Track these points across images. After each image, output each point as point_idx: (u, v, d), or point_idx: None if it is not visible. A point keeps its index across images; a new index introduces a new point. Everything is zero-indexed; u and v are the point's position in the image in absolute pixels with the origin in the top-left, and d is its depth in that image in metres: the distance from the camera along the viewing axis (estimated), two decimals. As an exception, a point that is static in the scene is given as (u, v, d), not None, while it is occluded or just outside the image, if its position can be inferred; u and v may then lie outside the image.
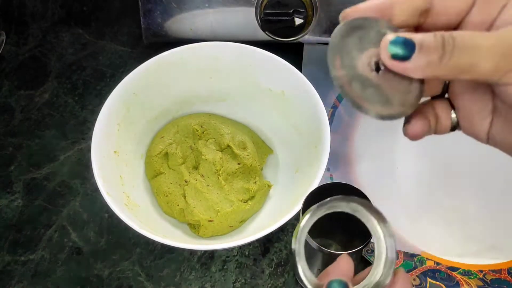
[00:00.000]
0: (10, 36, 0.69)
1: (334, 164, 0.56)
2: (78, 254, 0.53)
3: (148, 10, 0.60)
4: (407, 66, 0.26)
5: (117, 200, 0.46)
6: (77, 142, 0.60)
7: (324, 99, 0.52)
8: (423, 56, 0.25)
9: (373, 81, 0.27)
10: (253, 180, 0.53)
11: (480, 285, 0.49)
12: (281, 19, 0.57)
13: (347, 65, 0.27)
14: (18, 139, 0.60)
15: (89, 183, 0.57)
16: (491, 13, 0.27)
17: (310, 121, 0.51)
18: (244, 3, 0.58)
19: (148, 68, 0.53)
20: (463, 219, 0.54)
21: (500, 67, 0.25)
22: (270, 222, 0.46)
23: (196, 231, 0.51)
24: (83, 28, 0.70)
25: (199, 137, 0.55)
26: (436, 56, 0.25)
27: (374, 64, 0.27)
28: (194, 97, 0.57)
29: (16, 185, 0.57)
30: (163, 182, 0.53)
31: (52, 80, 0.65)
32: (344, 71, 0.27)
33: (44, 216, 0.55)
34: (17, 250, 0.53)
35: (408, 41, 0.25)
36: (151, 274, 0.52)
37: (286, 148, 0.56)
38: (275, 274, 0.52)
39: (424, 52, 0.25)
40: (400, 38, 0.26)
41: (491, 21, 0.27)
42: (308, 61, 0.63)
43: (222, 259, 0.52)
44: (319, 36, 0.60)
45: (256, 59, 0.54)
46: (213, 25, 0.61)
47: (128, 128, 0.53)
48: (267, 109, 0.56)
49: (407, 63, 0.26)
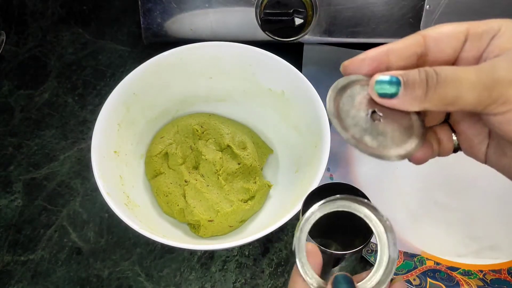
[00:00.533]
0: (10, 36, 0.69)
1: (334, 164, 0.56)
2: (78, 254, 0.53)
3: (148, 10, 0.60)
4: (396, 102, 0.27)
5: (117, 200, 0.46)
6: (77, 142, 0.60)
7: (324, 99, 0.52)
8: (409, 92, 0.27)
9: (379, 128, 0.28)
10: (253, 180, 0.53)
11: (480, 285, 0.49)
12: (281, 19, 0.57)
13: (351, 124, 0.28)
14: (18, 139, 0.60)
15: (89, 183, 0.57)
16: (481, 46, 0.28)
17: (310, 121, 0.51)
18: (244, 3, 0.58)
19: (148, 68, 0.53)
20: (463, 219, 0.54)
21: (482, 99, 0.26)
22: (270, 222, 0.46)
23: (196, 231, 0.51)
24: (83, 27, 0.70)
25: (199, 137, 0.55)
26: (421, 91, 0.26)
27: (371, 113, 0.28)
28: (194, 97, 0.57)
29: (16, 185, 0.57)
30: (163, 182, 0.53)
31: (52, 80, 0.65)
32: (351, 131, 0.28)
33: (44, 216, 0.55)
34: (17, 250, 0.53)
35: (393, 79, 0.27)
36: (151, 274, 0.52)
37: (286, 148, 0.56)
38: (275, 274, 0.52)
39: (409, 88, 0.27)
40: (385, 77, 0.27)
41: (481, 54, 0.28)
42: (308, 61, 0.63)
43: (222, 259, 0.52)
44: (319, 36, 0.60)
45: (256, 59, 0.54)
46: (213, 25, 0.60)
47: (128, 128, 0.53)
48: (267, 109, 0.56)
49: (395, 100, 0.27)
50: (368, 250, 0.49)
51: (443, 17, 0.58)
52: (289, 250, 0.53)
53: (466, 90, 0.26)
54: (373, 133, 0.28)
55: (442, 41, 0.29)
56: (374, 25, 0.59)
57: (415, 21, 0.59)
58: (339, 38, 0.61)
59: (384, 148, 0.28)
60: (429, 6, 0.57)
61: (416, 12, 0.58)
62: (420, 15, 0.58)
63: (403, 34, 0.62)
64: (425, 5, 0.57)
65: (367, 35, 0.60)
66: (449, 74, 0.26)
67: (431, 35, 0.29)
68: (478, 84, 0.26)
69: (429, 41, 0.29)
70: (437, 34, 0.29)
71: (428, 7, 0.58)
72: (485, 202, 0.54)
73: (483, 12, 0.58)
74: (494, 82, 0.26)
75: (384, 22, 0.59)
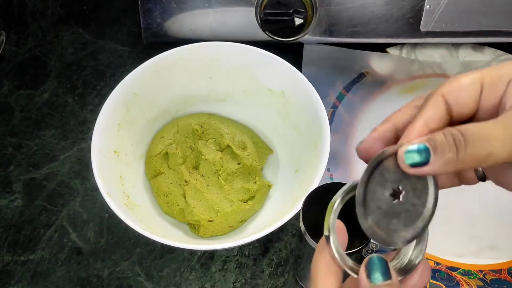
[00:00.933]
0: (10, 36, 0.69)
1: (334, 164, 0.56)
2: (78, 254, 0.53)
3: (147, 10, 0.60)
4: (428, 169, 0.27)
5: (117, 200, 0.46)
6: (77, 142, 0.60)
7: (324, 99, 0.52)
8: (440, 158, 0.27)
9: (396, 209, 0.28)
10: (253, 180, 0.53)
11: (480, 285, 0.49)
12: (281, 19, 0.57)
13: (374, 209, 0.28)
14: (17, 139, 0.60)
15: (89, 183, 0.57)
16: (498, 93, 0.28)
17: (310, 121, 0.51)
18: (244, 3, 0.58)
19: (148, 68, 0.53)
20: (463, 219, 0.54)
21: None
22: (270, 222, 0.46)
23: (196, 231, 0.51)
24: (83, 27, 0.70)
25: (199, 137, 0.55)
26: (452, 154, 0.26)
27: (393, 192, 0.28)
28: (194, 97, 0.57)
29: (16, 185, 0.57)
30: (163, 182, 0.53)
31: (52, 80, 0.65)
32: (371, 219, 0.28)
33: (44, 216, 0.55)
34: (17, 250, 0.53)
35: (421, 147, 0.27)
36: (151, 274, 0.52)
37: (286, 148, 0.56)
38: (275, 274, 0.52)
39: (439, 153, 0.27)
40: (413, 146, 0.27)
41: (499, 100, 0.28)
42: (308, 61, 0.63)
43: (222, 259, 0.52)
44: (319, 36, 0.60)
45: (256, 59, 0.54)
46: (213, 25, 0.60)
47: (128, 128, 0.53)
48: (267, 109, 0.56)
49: (427, 167, 0.27)
50: (368, 250, 0.49)
51: (443, 17, 0.58)
52: (289, 250, 0.53)
53: (496, 147, 0.26)
54: (390, 216, 0.28)
55: (460, 95, 0.28)
56: (374, 25, 0.59)
57: (415, 21, 0.59)
58: (339, 38, 0.61)
59: (393, 233, 0.28)
60: (429, 6, 0.57)
61: (416, 12, 0.58)
62: (420, 15, 0.58)
63: (403, 34, 0.63)
64: (425, 5, 0.57)
65: (367, 35, 0.60)
66: (475, 133, 0.26)
67: (449, 93, 0.29)
68: (506, 139, 0.26)
69: (448, 99, 0.29)
70: (454, 89, 0.29)
71: (428, 7, 0.58)
72: (485, 202, 0.54)
73: (483, 12, 0.58)
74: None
75: (384, 22, 0.59)
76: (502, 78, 0.28)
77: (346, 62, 0.63)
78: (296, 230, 0.53)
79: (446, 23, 0.59)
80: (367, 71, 0.63)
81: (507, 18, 0.58)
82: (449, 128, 0.27)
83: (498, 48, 0.64)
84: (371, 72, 0.63)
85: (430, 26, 0.59)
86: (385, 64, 0.64)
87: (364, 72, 0.63)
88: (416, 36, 0.60)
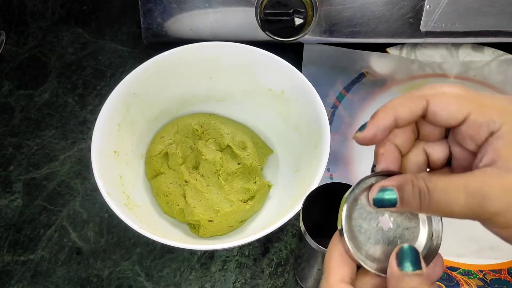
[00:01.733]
0: (10, 36, 0.69)
1: (334, 164, 0.56)
2: (78, 254, 0.53)
3: (148, 10, 0.60)
4: (394, 211, 0.30)
5: (117, 200, 0.46)
6: (77, 142, 0.60)
7: (324, 99, 0.52)
8: (405, 206, 0.29)
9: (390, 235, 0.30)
10: (253, 180, 0.53)
11: (480, 285, 0.49)
12: (281, 19, 0.57)
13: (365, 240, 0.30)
14: (18, 139, 0.60)
15: (89, 183, 0.57)
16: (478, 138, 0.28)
17: (310, 121, 0.51)
18: (244, 3, 0.58)
19: (148, 68, 0.53)
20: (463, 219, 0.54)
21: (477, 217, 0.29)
22: (270, 222, 0.46)
23: (196, 231, 0.51)
24: (83, 27, 0.70)
25: (199, 137, 0.55)
26: (416, 206, 0.29)
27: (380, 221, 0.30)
28: (194, 97, 0.57)
29: (16, 185, 0.57)
30: (163, 182, 0.53)
31: (52, 80, 0.65)
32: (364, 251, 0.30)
33: (44, 216, 0.55)
34: (17, 250, 0.53)
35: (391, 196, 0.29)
36: (151, 274, 0.52)
37: (286, 148, 0.56)
38: (275, 274, 0.52)
39: (405, 204, 0.29)
40: (382, 193, 0.29)
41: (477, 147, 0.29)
42: (308, 61, 0.63)
43: (222, 259, 0.52)
44: (319, 36, 0.60)
45: (256, 59, 0.54)
46: (213, 25, 0.60)
47: (128, 128, 0.53)
48: (267, 109, 0.56)
49: (394, 209, 0.30)
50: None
51: (443, 17, 0.58)
52: (289, 250, 0.53)
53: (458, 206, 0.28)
54: (384, 243, 0.30)
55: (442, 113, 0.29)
56: (374, 25, 0.59)
57: (415, 21, 0.59)
58: (339, 38, 0.61)
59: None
60: (429, 6, 0.57)
61: (416, 12, 0.58)
62: (420, 15, 0.58)
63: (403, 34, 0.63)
64: (425, 5, 0.57)
65: (367, 35, 0.60)
66: (440, 190, 0.28)
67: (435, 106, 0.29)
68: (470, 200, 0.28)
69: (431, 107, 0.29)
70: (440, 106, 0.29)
71: (428, 7, 0.58)
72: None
73: (483, 12, 0.58)
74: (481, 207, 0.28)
75: (384, 22, 0.59)
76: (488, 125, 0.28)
77: (346, 62, 0.63)
78: (296, 230, 0.53)
79: (446, 23, 0.59)
80: (367, 71, 0.63)
81: (507, 18, 0.58)
82: (419, 180, 0.28)
83: (498, 48, 0.64)
84: (371, 72, 0.63)
85: (430, 26, 0.59)
86: (385, 64, 0.64)
87: (364, 72, 0.63)
88: (416, 36, 0.60)
